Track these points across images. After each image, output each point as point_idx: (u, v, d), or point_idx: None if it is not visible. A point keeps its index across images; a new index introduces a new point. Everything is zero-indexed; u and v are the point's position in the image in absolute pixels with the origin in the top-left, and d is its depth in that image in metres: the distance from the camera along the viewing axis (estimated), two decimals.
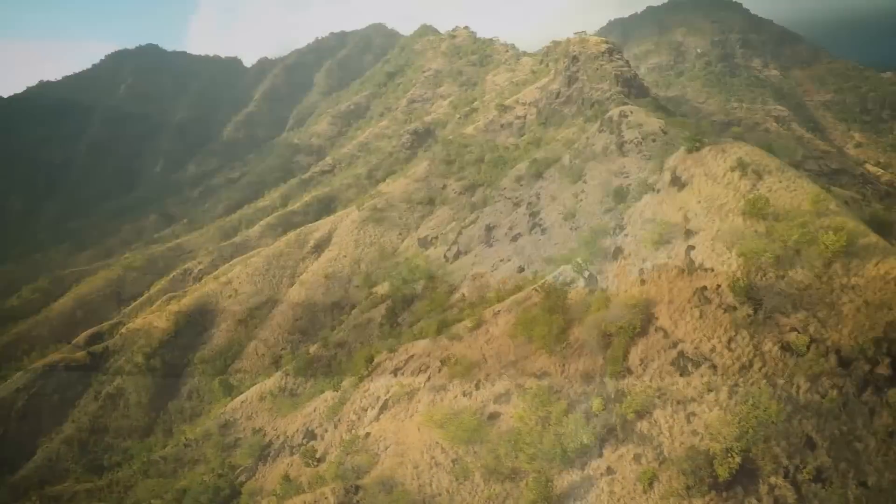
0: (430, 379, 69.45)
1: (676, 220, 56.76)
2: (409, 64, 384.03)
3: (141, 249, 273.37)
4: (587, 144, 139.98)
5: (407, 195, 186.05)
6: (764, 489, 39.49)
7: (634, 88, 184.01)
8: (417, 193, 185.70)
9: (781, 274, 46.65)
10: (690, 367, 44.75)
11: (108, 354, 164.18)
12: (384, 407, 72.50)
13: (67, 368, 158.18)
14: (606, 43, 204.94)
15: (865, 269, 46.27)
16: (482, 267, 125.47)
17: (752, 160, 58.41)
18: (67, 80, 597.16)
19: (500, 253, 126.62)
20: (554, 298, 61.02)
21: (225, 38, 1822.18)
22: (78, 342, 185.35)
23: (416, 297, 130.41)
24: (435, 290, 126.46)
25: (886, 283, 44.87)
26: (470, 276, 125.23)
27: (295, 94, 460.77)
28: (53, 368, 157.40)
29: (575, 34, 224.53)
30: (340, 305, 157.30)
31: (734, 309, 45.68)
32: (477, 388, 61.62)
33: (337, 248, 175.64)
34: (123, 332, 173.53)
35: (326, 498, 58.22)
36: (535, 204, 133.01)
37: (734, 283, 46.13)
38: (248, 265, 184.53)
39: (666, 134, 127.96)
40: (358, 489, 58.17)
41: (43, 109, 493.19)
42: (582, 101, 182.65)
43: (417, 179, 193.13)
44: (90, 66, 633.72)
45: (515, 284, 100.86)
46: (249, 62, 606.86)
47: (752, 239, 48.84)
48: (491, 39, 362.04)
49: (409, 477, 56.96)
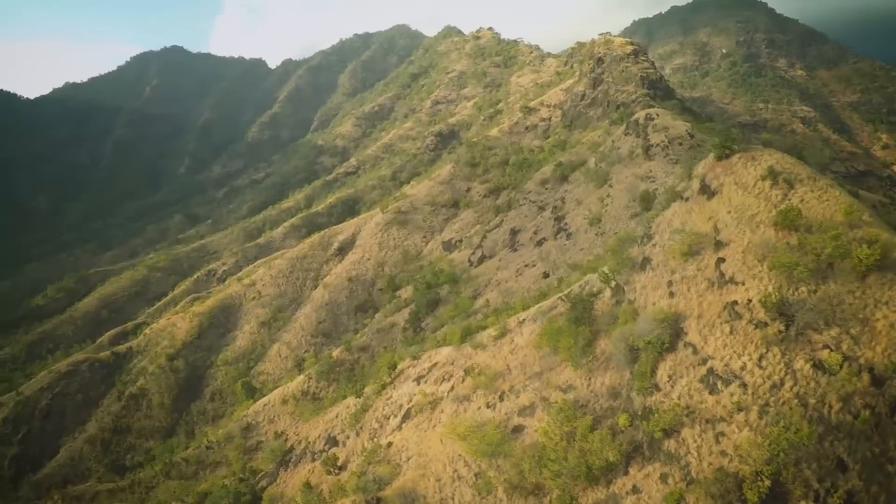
0: (453, 389, 68.70)
1: (706, 230, 55.45)
2: (433, 65, 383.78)
3: (165, 250, 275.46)
4: (613, 148, 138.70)
5: (431, 198, 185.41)
6: None
7: (660, 90, 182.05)
8: (441, 196, 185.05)
9: (814, 288, 45.31)
10: (720, 384, 43.53)
11: (131, 355, 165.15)
12: (407, 416, 71.78)
13: (91, 368, 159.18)
14: (631, 44, 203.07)
15: None
16: (507, 272, 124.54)
17: (783, 168, 57.03)
18: (93, 81, 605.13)
19: (524, 258, 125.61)
20: (580, 309, 60.00)
21: (249, 39, 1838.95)
22: (102, 342, 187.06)
23: (439, 301, 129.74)
24: (459, 294, 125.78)
25: None
26: (494, 281, 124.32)
27: (319, 95, 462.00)
28: (77, 368, 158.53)
29: (599, 35, 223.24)
30: (364, 308, 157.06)
31: (765, 325, 44.37)
32: (501, 399, 60.76)
33: (361, 250, 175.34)
34: (147, 332, 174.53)
35: None
36: (560, 208, 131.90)
37: (766, 298, 44.82)
38: (271, 267, 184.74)
39: (693, 137, 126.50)
40: (379, 501, 57.54)
41: (69, 111, 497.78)
42: (607, 103, 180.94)
43: (442, 182, 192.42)
44: (115, 67, 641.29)
45: (540, 291, 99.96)
46: (274, 63, 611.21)
47: (783, 252, 47.52)
48: (515, 40, 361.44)
49: (431, 490, 56.21)
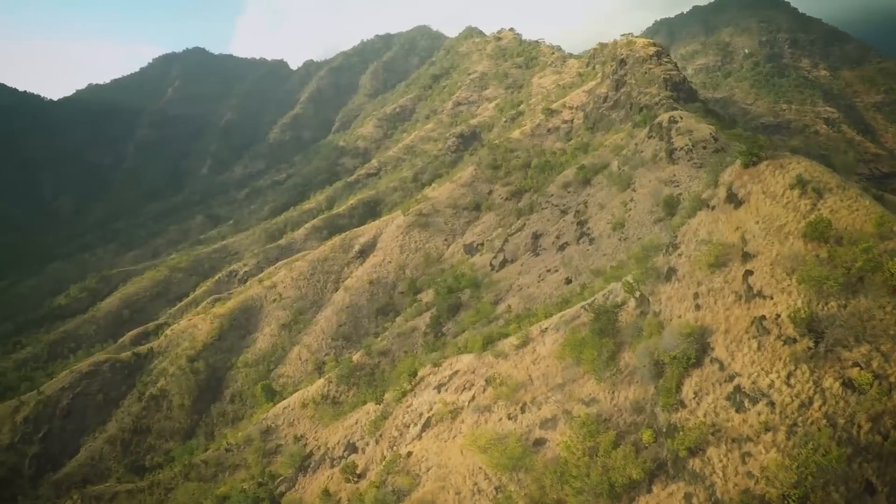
0: (474, 398, 67.93)
1: (733, 240, 54.23)
2: (454, 66, 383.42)
3: (187, 250, 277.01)
4: (636, 151, 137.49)
5: (453, 200, 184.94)
6: None
7: (683, 92, 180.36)
8: (463, 199, 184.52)
9: (844, 303, 44.00)
10: (747, 403, 42.34)
11: (152, 355, 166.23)
12: (427, 425, 71.14)
13: (112, 368, 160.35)
14: (654, 45, 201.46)
15: None
16: (528, 277, 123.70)
17: (811, 177, 55.65)
18: (116, 83, 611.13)
19: (546, 262, 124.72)
20: (604, 321, 59.03)
21: (271, 40, 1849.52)
22: (123, 342, 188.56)
23: (461, 306, 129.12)
24: (480, 299, 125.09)
25: None
26: (516, 286, 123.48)
27: (340, 96, 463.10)
28: (98, 368, 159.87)
29: (621, 36, 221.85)
30: (385, 311, 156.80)
31: (794, 341, 43.11)
32: (522, 411, 59.92)
33: (382, 253, 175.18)
34: (168, 333, 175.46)
35: None
36: (582, 212, 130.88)
37: (795, 313, 43.57)
38: (292, 269, 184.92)
39: (717, 141, 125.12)
40: None
41: (92, 112, 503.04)
42: (630, 105, 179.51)
43: (463, 184, 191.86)
44: (138, 69, 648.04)
45: (562, 297, 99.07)
46: (295, 64, 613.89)
47: (813, 265, 46.25)
48: (536, 41, 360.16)
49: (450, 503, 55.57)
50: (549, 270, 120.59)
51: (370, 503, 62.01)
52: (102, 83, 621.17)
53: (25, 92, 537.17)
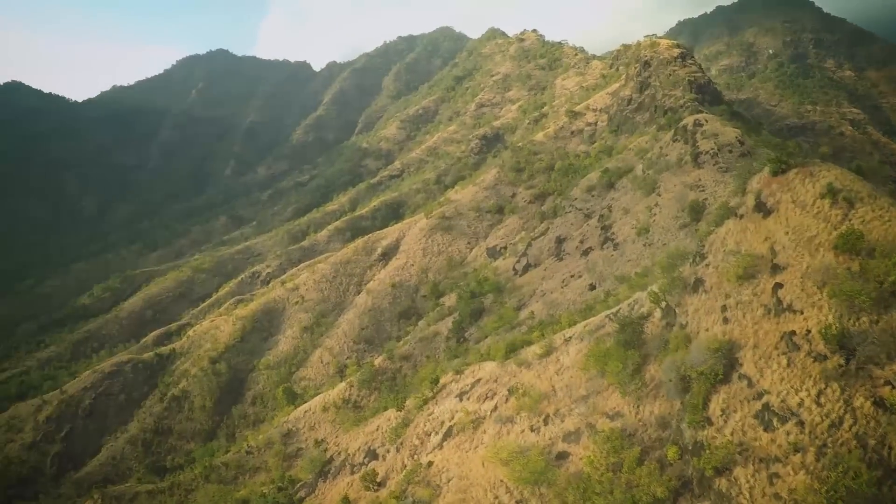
0: (496, 408, 67.20)
1: (762, 251, 52.97)
2: (477, 68, 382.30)
3: (210, 251, 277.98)
4: (661, 154, 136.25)
5: (476, 203, 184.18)
6: None
7: (708, 95, 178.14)
8: (486, 201, 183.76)
9: (876, 319, 42.70)
10: (776, 421, 41.19)
11: (174, 356, 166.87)
12: (448, 434, 70.49)
13: (134, 369, 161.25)
14: (678, 47, 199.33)
15: None
16: (552, 282, 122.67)
17: (842, 186, 54.26)
18: (140, 84, 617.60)
19: (570, 267, 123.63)
20: (629, 332, 58.08)
21: (294, 42, 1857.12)
22: (146, 342, 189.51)
23: (483, 311, 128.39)
24: (503, 304, 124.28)
25: None
26: (539, 291, 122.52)
27: (363, 97, 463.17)
28: (121, 368, 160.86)
29: (645, 37, 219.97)
30: (407, 315, 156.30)
31: (824, 358, 41.88)
32: (545, 423, 59.10)
33: (405, 256, 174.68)
34: (190, 334, 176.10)
35: None
36: (606, 216, 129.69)
37: (825, 328, 42.47)
38: (315, 271, 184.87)
39: (743, 144, 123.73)
40: None
41: (116, 113, 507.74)
42: (654, 108, 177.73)
43: (486, 187, 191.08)
44: (162, 71, 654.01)
45: (586, 304, 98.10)
46: (318, 66, 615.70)
47: (844, 279, 45.00)
48: (559, 42, 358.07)
49: None
50: (572, 276, 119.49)
51: None
52: (127, 85, 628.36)
53: (51, 94, 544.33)
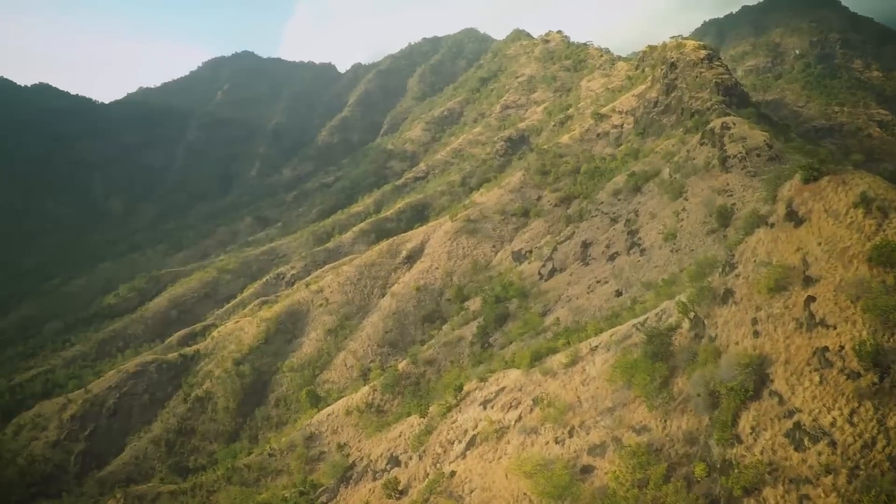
0: (520, 419, 66.39)
1: (794, 262, 51.58)
2: (502, 69, 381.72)
3: (235, 252, 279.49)
4: (688, 158, 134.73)
5: (501, 206, 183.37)
6: None
7: (735, 97, 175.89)
8: (511, 204, 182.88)
9: None
10: (807, 441, 39.97)
11: (198, 357, 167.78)
12: (471, 443, 69.75)
13: (158, 369, 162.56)
14: (705, 48, 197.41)
15: None
16: (578, 287, 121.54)
17: (876, 194, 52.71)
18: (166, 86, 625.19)
19: (596, 273, 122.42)
20: (657, 344, 57.04)
21: (318, 44, 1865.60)
22: (171, 342, 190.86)
23: (508, 316, 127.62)
24: (528, 310, 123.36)
25: None
26: (565, 297, 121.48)
27: (388, 99, 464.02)
28: (145, 368, 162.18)
29: (671, 38, 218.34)
30: (431, 319, 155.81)
31: (858, 376, 40.53)
32: (570, 435, 58.18)
33: (429, 259, 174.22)
34: (215, 335, 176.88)
35: None
36: (633, 221, 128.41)
37: (859, 344, 41.26)
38: (339, 274, 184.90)
39: (771, 148, 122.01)
40: None
41: (143, 114, 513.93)
42: (681, 110, 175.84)
43: (512, 190, 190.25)
44: (188, 72, 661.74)
45: (612, 311, 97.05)
46: (343, 68, 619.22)
47: (879, 293, 43.71)
48: (585, 44, 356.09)
49: None
50: (598, 281, 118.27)
51: None
52: (153, 86, 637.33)
53: (78, 95, 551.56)
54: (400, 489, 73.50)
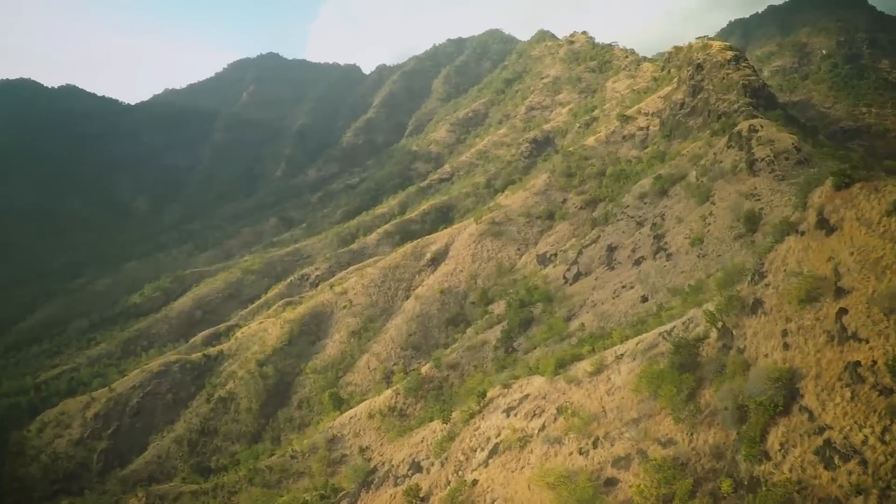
0: (544, 428, 65.54)
1: (825, 272, 50.14)
2: (526, 70, 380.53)
3: (260, 253, 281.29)
4: (715, 161, 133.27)
5: (526, 209, 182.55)
6: None
7: (763, 99, 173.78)
8: (537, 207, 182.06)
9: None
10: (837, 459, 38.79)
11: (222, 358, 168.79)
12: (494, 451, 69.01)
13: (182, 369, 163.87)
14: (731, 49, 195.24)
15: None
16: (603, 292, 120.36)
17: None
18: (191, 87, 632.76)
19: (621, 278, 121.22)
20: (684, 355, 55.94)
21: (343, 45, 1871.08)
22: (195, 342, 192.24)
23: (533, 320, 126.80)
24: (553, 314, 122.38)
25: None
26: (590, 302, 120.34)
27: (413, 100, 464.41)
28: (168, 368, 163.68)
29: (697, 39, 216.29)
30: (455, 322, 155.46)
31: (891, 392, 39.24)
32: (594, 446, 57.24)
33: (454, 261, 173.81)
34: (238, 335, 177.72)
35: None
36: (659, 225, 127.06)
37: (893, 360, 40.08)
38: (363, 275, 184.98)
39: (799, 151, 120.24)
40: None
41: (168, 115, 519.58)
42: (708, 112, 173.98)
43: (537, 192, 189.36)
44: (213, 74, 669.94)
45: (638, 317, 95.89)
46: (368, 69, 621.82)
47: None
48: (610, 45, 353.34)
49: None
50: (624, 286, 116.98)
51: None
52: (178, 88, 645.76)
53: (103, 96, 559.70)
54: (421, 496, 72.86)
